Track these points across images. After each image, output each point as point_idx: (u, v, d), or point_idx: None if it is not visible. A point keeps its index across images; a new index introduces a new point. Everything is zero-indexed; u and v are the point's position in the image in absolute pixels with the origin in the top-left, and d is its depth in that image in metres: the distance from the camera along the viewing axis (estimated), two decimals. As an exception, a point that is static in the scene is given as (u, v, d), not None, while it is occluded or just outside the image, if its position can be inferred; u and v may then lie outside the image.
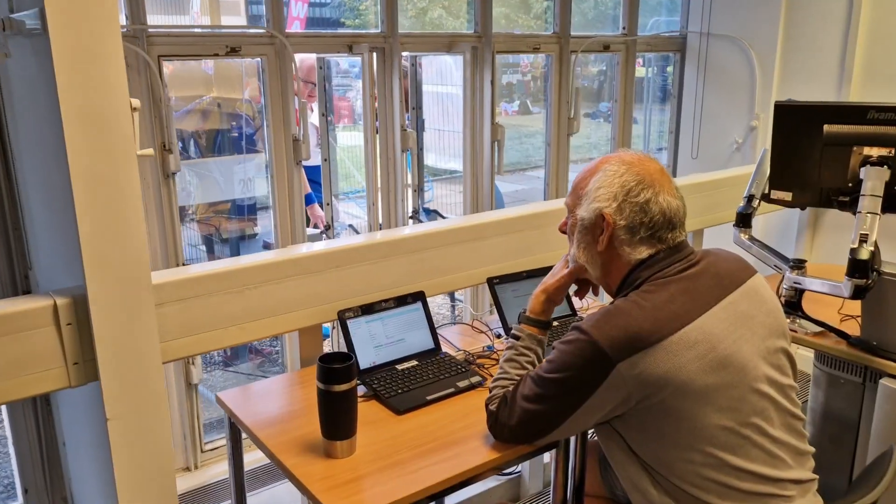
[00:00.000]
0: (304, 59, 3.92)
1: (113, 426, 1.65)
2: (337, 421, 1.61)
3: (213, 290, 1.78)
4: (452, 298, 4.32)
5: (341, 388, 1.58)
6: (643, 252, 1.44)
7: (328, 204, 3.25)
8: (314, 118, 3.39)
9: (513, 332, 1.66)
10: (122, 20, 2.37)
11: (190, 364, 2.69)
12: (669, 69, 4.32)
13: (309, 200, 4.05)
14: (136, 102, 1.56)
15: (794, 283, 2.07)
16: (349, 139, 6.38)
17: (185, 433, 2.77)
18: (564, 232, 1.59)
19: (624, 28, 3.82)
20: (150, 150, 1.63)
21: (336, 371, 1.57)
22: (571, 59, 3.58)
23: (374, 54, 2.99)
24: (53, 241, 1.82)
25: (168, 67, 3.46)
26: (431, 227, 2.28)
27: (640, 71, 4.53)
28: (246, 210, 3.69)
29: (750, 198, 2.28)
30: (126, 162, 1.54)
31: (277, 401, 1.88)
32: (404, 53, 3.10)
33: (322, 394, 1.59)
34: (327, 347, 3.11)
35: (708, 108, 3.95)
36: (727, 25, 3.77)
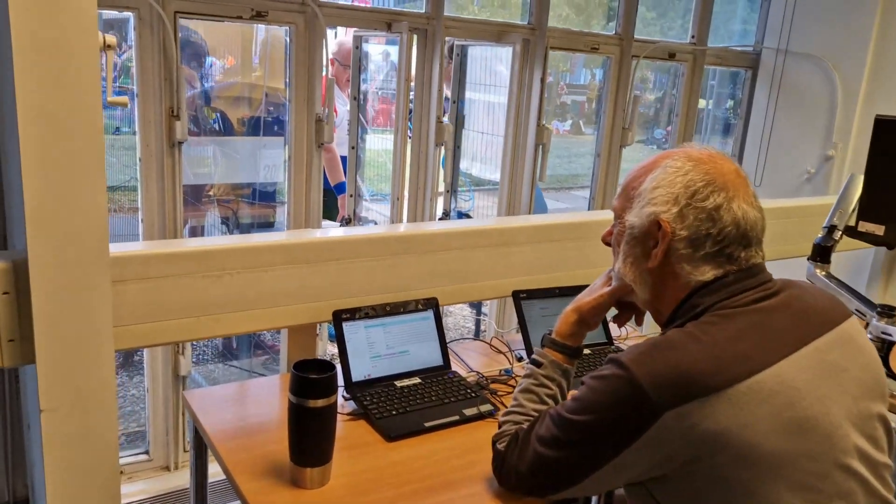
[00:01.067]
0: (345, 43, 3.68)
1: (48, 419, 1.39)
2: (309, 443, 1.32)
3: (185, 270, 1.51)
4: (479, 312, 4.00)
5: (317, 405, 1.29)
6: (707, 273, 1.12)
7: (352, 195, 2.98)
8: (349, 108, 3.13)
9: (533, 356, 1.36)
10: (139, -32, 2.14)
11: (179, 354, 2.43)
12: (730, 104, 3.98)
13: (343, 189, 3.79)
14: (110, 39, 1.32)
15: (882, 333, 1.72)
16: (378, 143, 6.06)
17: (167, 429, 2.52)
18: (609, 243, 1.29)
19: (693, 37, 3.50)
20: (125, 98, 1.38)
21: (312, 383, 1.29)
22: (632, 65, 3.26)
23: (416, 36, 2.72)
24: (19, 195, 1.59)
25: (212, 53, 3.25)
26: (453, 226, 2.00)
27: (699, 102, 4.18)
28: (265, 196, 3.44)
29: (831, 228, 1.94)
30: (88, 106, 1.28)
31: (251, 408, 1.60)
32: (448, 39, 2.83)
33: (294, 409, 1.31)
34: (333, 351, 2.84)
35: (778, 132, 3.59)
36: (808, 43, 3.42)
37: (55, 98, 1.25)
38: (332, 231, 1.97)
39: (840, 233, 1.93)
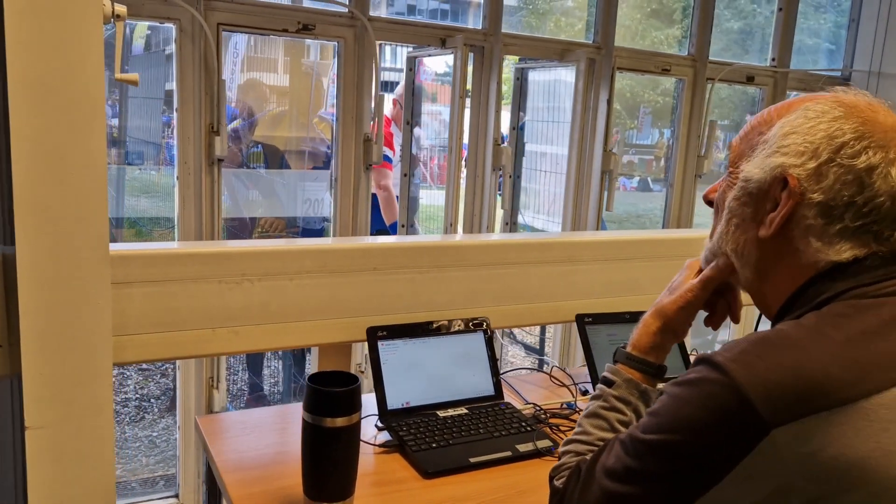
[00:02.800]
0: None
1: (33, 439, 1.20)
2: (325, 473, 1.10)
3: (198, 274, 1.33)
4: (542, 352, 3.70)
5: (335, 424, 1.07)
6: (843, 251, 0.85)
7: (403, 226, 2.79)
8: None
9: (604, 374, 1.10)
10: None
11: (213, 388, 2.25)
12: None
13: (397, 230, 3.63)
14: (120, 8, 1.18)
15: None
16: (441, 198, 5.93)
17: (199, 470, 2.32)
18: (712, 203, 1.00)
19: (773, 59, 3.24)
20: (135, 76, 1.22)
21: (330, 397, 1.07)
22: (707, 88, 3.02)
23: (472, 54, 2.56)
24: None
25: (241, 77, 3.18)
26: (509, 238, 1.77)
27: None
28: (313, 234, 3.29)
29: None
30: (89, 79, 1.13)
31: (270, 436, 1.38)
32: (508, 58, 2.66)
33: (308, 429, 1.09)
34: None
35: (872, 161, 3.26)
36: (905, 63, 3.12)
37: (49, 61, 1.11)
38: (371, 238, 1.77)
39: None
